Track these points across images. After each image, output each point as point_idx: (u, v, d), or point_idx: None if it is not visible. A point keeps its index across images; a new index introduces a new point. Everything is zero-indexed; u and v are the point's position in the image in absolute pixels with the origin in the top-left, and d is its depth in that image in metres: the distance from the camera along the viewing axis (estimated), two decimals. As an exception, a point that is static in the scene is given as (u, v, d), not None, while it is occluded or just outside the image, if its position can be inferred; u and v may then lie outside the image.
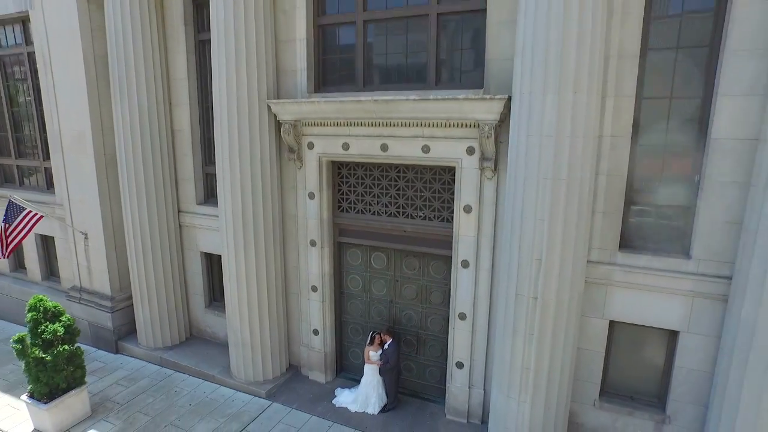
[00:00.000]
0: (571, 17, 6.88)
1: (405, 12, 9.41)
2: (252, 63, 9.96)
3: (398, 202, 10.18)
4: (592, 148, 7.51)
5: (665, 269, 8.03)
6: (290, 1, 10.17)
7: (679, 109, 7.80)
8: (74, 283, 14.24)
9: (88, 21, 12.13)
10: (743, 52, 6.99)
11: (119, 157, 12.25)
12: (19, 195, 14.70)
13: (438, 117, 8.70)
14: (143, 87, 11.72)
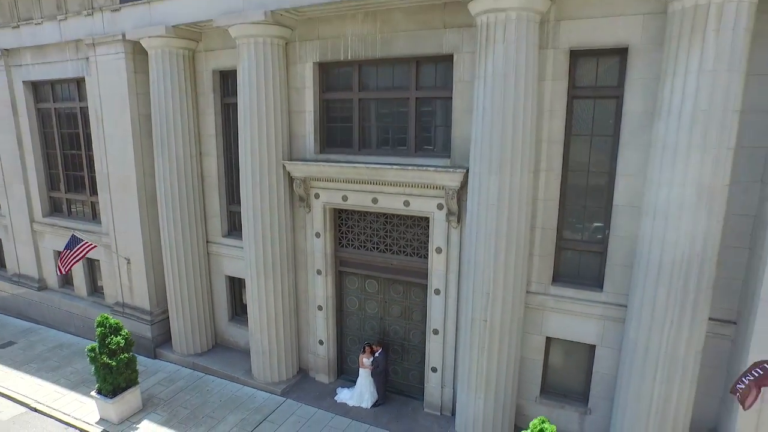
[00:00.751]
0: (509, 117, 9.58)
1: (391, 94, 12.11)
2: (271, 131, 12.66)
3: (386, 242, 12.90)
4: (526, 211, 10.21)
5: (585, 299, 10.72)
6: (301, 81, 12.87)
7: (593, 180, 10.49)
8: (117, 299, 16.97)
9: (135, 87, 14.84)
10: (630, 145, 9.68)
11: (159, 197, 14.97)
12: (67, 223, 17.61)
13: (414, 182, 11.41)
14: (180, 141, 14.44)
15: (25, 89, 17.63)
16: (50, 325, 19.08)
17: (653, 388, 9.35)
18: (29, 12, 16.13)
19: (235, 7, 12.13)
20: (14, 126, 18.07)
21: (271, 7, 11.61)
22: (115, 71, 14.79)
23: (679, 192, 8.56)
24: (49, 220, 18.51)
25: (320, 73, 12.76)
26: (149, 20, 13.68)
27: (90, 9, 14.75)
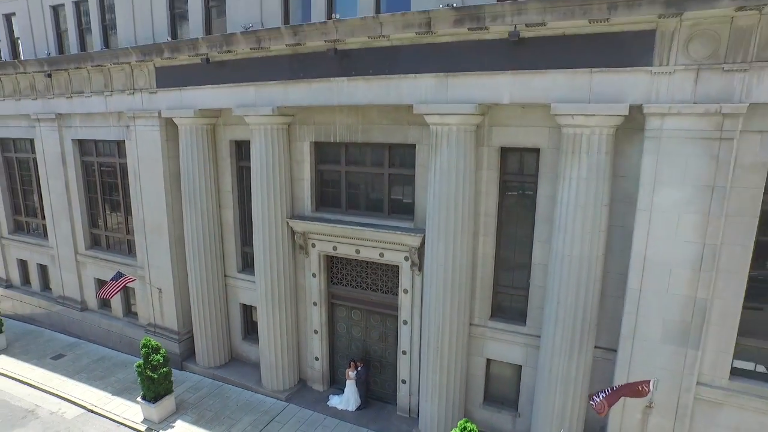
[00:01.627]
0: (452, 200, 13.12)
1: (369, 170, 15.68)
2: (277, 194, 16.25)
3: (367, 282, 16.49)
4: (467, 266, 13.76)
5: (513, 331, 14.26)
6: (300, 155, 16.44)
7: (518, 244, 14.03)
8: (150, 321, 20.59)
9: (167, 151, 18.44)
10: (543, 219, 13.23)
11: (186, 239, 18.58)
12: (106, 256, 21.28)
13: (386, 240, 14.99)
14: (203, 196, 18.04)
15: (73, 145, 21.26)
16: (91, 340, 22.71)
17: (555, 399, 12.90)
18: (81, 87, 19.75)
19: (249, 101, 15.73)
20: (63, 174, 21.69)
21: (277, 103, 15.23)
22: (151, 139, 18.41)
23: (569, 259, 12.10)
24: (91, 252, 22.14)
25: (315, 150, 16.35)
26: (180, 103, 17.29)
27: (132, 90, 18.36)
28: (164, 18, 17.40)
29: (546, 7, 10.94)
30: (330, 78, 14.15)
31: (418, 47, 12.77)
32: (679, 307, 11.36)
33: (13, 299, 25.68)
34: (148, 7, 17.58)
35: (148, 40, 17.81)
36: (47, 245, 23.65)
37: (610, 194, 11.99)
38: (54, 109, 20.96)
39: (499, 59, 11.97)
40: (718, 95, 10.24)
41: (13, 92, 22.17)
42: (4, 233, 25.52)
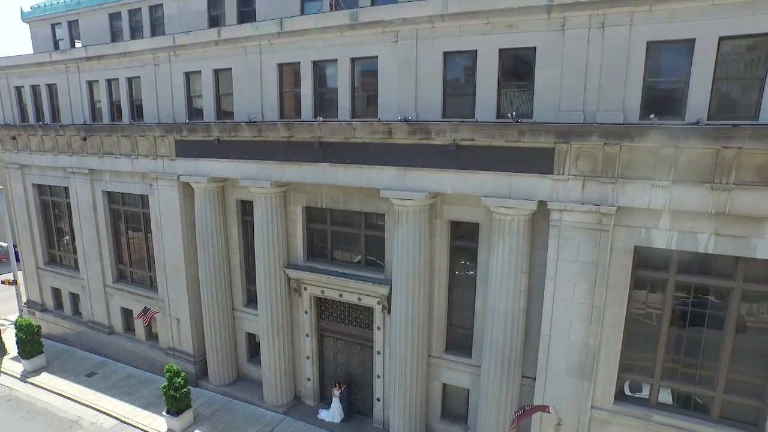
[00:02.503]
0: (411, 260, 16.88)
1: (350, 230, 19.45)
2: (276, 247, 20.04)
3: (349, 318, 20.30)
4: (425, 312, 17.55)
5: (463, 362, 18.03)
6: (294, 216, 20.21)
7: (466, 294, 17.77)
8: (169, 345, 24.42)
9: (184, 207, 22.22)
10: (482, 279, 17.01)
11: (201, 278, 22.39)
12: (131, 288, 25.07)
13: (362, 288, 18.78)
14: (214, 243, 21.83)
15: (103, 195, 25.05)
16: (117, 359, 26.57)
17: (492, 416, 16.69)
18: (111, 149, 23.53)
19: (252, 175, 19.50)
20: (94, 219, 25.49)
21: (274, 178, 19.00)
22: (171, 196, 22.21)
23: (498, 311, 15.85)
24: (117, 285, 25.98)
25: (306, 213, 20.13)
26: (195, 170, 21.07)
27: (155, 156, 22.14)
28: (182, 100, 21.14)
29: (475, 129, 14.71)
30: (316, 163, 17.92)
31: (383, 145, 16.51)
32: (577, 350, 15.14)
33: (47, 321, 29.54)
34: (169, 91, 21.33)
35: (169, 116, 21.57)
36: (79, 277, 27.48)
37: (529, 264, 15.74)
38: (87, 165, 24.74)
39: (443, 160, 15.70)
40: (597, 199, 14.00)
41: (52, 148, 25.93)
42: (40, 264, 29.36)
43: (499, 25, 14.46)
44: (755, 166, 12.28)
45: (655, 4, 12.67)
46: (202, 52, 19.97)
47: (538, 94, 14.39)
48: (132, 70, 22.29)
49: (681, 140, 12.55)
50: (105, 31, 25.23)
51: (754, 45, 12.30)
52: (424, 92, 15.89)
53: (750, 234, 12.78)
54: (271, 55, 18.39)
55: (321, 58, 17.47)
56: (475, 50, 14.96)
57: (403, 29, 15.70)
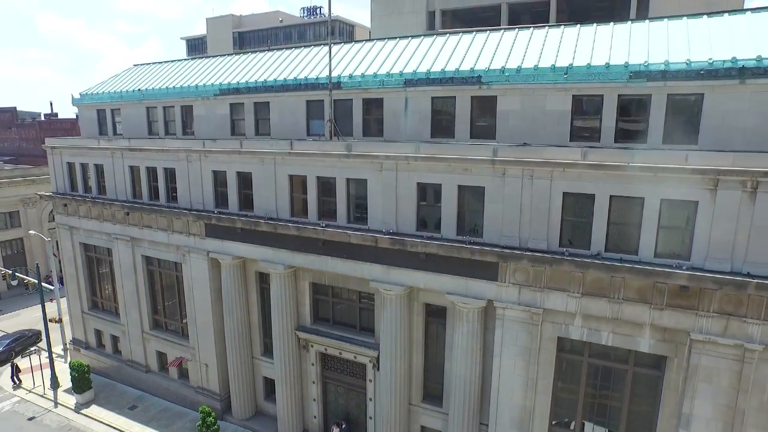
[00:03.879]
0: (394, 332, 21.81)
1: (347, 303, 24.35)
2: (288, 314, 24.98)
3: (347, 371, 25.27)
4: (406, 370, 22.48)
5: (436, 410, 22.98)
6: (303, 289, 25.12)
7: (437, 356, 22.69)
8: (199, 384, 29.47)
9: (211, 275, 27.16)
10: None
11: (226, 332, 27.38)
12: (165, 335, 30.06)
13: (357, 350, 23.71)
14: (238, 307, 26.80)
15: (142, 259, 30.03)
16: (153, 394, 31.65)
17: (455, 456, 21.68)
18: (150, 223, 28.45)
19: (268, 258, 24.40)
20: (134, 277, 30.47)
21: (286, 263, 23.91)
22: (201, 267, 27.16)
23: (459, 375, 20.73)
24: (154, 332, 31.02)
25: (312, 287, 25.05)
26: (222, 249, 25.99)
27: (187, 233, 27.07)
28: (211, 191, 25.99)
29: (439, 247, 19.54)
30: (320, 255, 22.81)
31: (372, 248, 21.33)
32: (517, 409, 20.05)
33: (90, 357, 34.61)
34: (200, 183, 26.18)
35: (199, 203, 26.44)
36: (119, 322, 32.52)
37: (483, 342, 20.61)
38: (129, 234, 29.69)
39: (417, 263, 20.54)
40: (530, 301, 18.85)
41: (98, 216, 30.87)
42: (85, 309, 34.42)
43: (458, 168, 19.22)
44: (635, 287, 17.09)
45: (568, 168, 17.43)
46: (227, 157, 24.80)
47: (486, 220, 19.18)
48: (168, 162, 27.12)
49: (584, 268, 17.37)
50: (143, 121, 30.10)
51: (634, 202, 17.02)
52: (403, 210, 20.70)
53: (635, 334, 17.63)
54: (283, 167, 23.20)
55: (323, 175, 22.28)
56: (440, 184, 19.74)
57: (386, 162, 20.48)
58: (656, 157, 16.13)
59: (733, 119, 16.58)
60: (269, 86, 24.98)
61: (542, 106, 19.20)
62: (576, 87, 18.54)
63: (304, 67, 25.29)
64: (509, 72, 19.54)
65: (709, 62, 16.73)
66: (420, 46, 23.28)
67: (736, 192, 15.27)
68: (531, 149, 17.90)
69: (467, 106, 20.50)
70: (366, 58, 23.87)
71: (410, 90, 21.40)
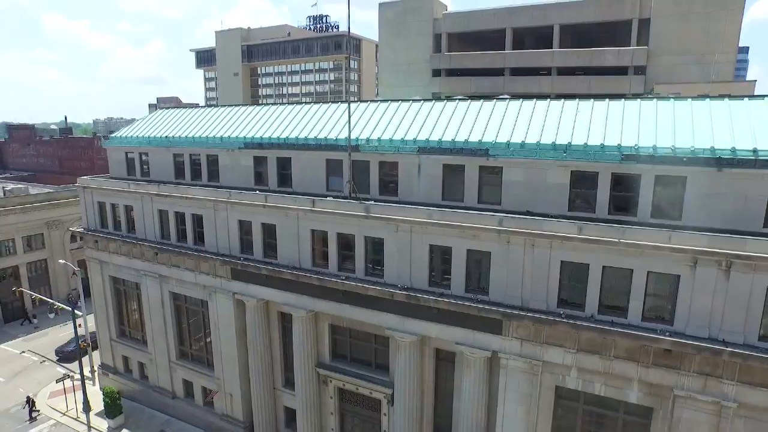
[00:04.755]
0: (408, 375, 24.05)
1: (364, 344, 26.54)
2: (309, 352, 27.18)
3: (364, 404, 27.50)
4: (417, 407, 24.71)
5: (445, 442, 25.22)
6: (323, 330, 27.30)
7: (446, 397, 24.93)
8: (224, 412, 31.74)
9: (236, 313, 29.36)
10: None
11: (250, 365, 29.60)
12: (191, 365, 32.31)
13: (372, 386, 25.94)
14: (261, 343, 28.99)
15: (169, 295, 32.23)
16: (179, 419, 33.93)
17: (463, 487, 23.91)
18: (178, 263, 30.64)
19: (291, 302, 26.60)
20: (161, 310, 32.70)
21: (308, 308, 26.11)
22: (226, 306, 29.37)
23: (466, 417, 22.95)
24: (180, 362, 33.27)
25: (331, 328, 27.24)
26: (247, 291, 28.18)
27: (214, 275, 29.26)
28: (237, 238, 28.14)
29: (449, 303, 21.71)
30: (340, 303, 24.99)
31: (388, 300, 23.51)
32: (520, 448, 22.28)
33: (118, 382, 36.88)
34: (226, 230, 28.33)
35: (225, 248, 28.59)
36: (146, 351, 34.78)
37: (488, 387, 22.81)
38: (157, 271, 31.88)
39: (429, 315, 22.70)
40: (530, 354, 21.02)
41: (128, 253, 33.07)
42: (113, 336, 36.68)
43: (467, 234, 21.34)
44: (625, 347, 19.25)
45: (565, 240, 19.56)
46: (252, 209, 26.94)
47: (492, 281, 21.31)
48: (195, 209, 29.26)
49: (579, 329, 19.54)
50: (170, 166, 32.25)
51: (623, 272, 19.12)
52: (416, 267, 22.85)
53: (625, 387, 19.82)
54: (305, 222, 25.34)
55: (343, 232, 24.42)
56: (450, 247, 21.89)
57: (402, 225, 22.61)
58: (643, 234, 18.28)
59: (712, 200, 18.67)
60: (291, 144, 27.08)
61: (543, 178, 21.30)
62: (574, 164, 20.62)
63: (324, 125, 27.38)
64: (514, 147, 21.65)
65: (692, 150, 18.83)
66: (431, 112, 25.33)
67: (712, 269, 17.42)
68: (533, 222, 20.02)
69: (475, 174, 22.59)
70: (381, 121, 25.95)
71: (423, 157, 23.51)
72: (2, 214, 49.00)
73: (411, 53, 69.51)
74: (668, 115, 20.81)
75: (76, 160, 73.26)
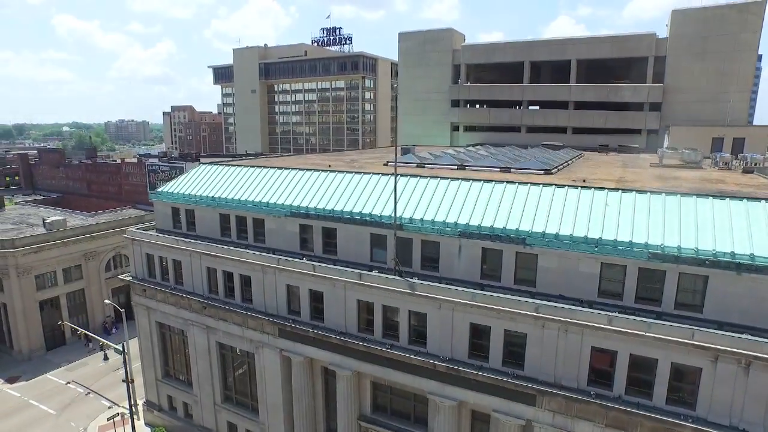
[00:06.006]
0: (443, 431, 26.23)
1: (404, 401, 28.76)
2: (351, 407, 29.42)
3: None
4: (454, 467, 26.93)
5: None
6: (364, 385, 29.52)
7: None
8: (267, 453, 34.12)
9: (282, 366, 31.64)
10: None
11: (294, 414, 31.90)
12: (236, 409, 34.64)
13: None
14: (305, 394, 31.27)
15: (216, 345, 34.55)
16: (224, 456, 36.34)
17: None
18: (225, 317, 32.91)
19: (336, 362, 28.78)
20: (208, 357, 35.01)
21: (353, 369, 28.30)
22: (272, 360, 31.63)
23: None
24: (225, 405, 35.62)
25: (373, 385, 29.42)
26: (293, 349, 30.41)
27: (261, 331, 31.51)
28: (284, 300, 30.35)
29: (486, 378, 23.85)
30: (384, 367, 27.18)
31: (430, 369, 25.67)
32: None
33: (162, 419, 39.36)
34: (274, 292, 30.55)
35: (273, 308, 30.83)
36: (191, 393, 37.18)
37: (521, 451, 24.98)
38: (204, 322, 34.19)
39: (468, 385, 24.83)
40: (562, 425, 23.10)
41: (175, 303, 35.42)
42: (159, 377, 39.13)
43: (505, 316, 23.44)
44: (649, 427, 21.31)
45: (596, 330, 21.60)
46: (300, 275, 29.15)
47: (527, 359, 23.42)
48: (244, 270, 31.50)
49: (607, 408, 21.63)
50: (216, 224, 34.49)
51: (649, 360, 21.13)
52: (457, 341, 24.98)
53: (650, 461, 21.89)
54: (352, 292, 27.52)
55: (388, 304, 26.59)
56: (489, 326, 24.01)
57: (444, 303, 24.75)
58: (668, 330, 20.34)
59: (732, 300, 20.67)
60: (337, 216, 29.23)
61: (575, 267, 23.35)
62: (604, 257, 22.66)
63: (368, 198, 29.46)
64: (548, 237, 23.69)
65: (713, 253, 20.83)
66: (470, 192, 27.36)
67: (732, 366, 19.47)
68: (566, 311, 22.10)
69: (512, 258, 24.66)
70: (423, 199, 27.99)
71: (464, 240, 25.60)
72: (46, 249, 51.55)
73: (430, 83, 71.52)
74: (691, 211, 22.80)
75: (104, 185, 75.72)
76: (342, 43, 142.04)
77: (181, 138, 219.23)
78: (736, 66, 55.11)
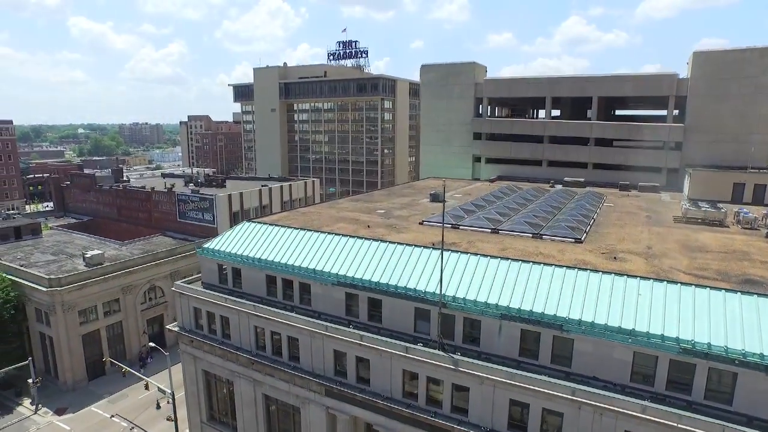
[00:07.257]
0: None
1: None
2: None
3: None
4: None
5: None
6: None
7: None
8: (310, 499, 36.34)
9: (328, 422, 33.79)
10: None
11: (336, 467, 34.07)
12: None
13: None
14: (347, 447, 33.43)
15: (262, 396, 36.74)
16: (267, 498, 38.62)
17: None
18: (272, 373, 35.11)
19: (381, 424, 30.86)
20: (254, 408, 37.25)
21: (397, 430, 30.36)
22: (319, 415, 33.78)
23: None
24: (269, 451, 37.86)
25: None
26: (339, 408, 32.52)
27: (308, 389, 33.65)
28: (331, 363, 32.45)
29: (528, 452, 25.82)
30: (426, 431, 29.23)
31: None
32: None
33: (208, 458, 41.76)
34: (321, 355, 32.65)
35: (320, 369, 32.93)
36: (237, 437, 39.48)
37: None
38: (251, 376, 36.38)
39: None
40: (598, 501, 25.06)
41: (222, 356, 37.64)
42: (204, 419, 41.49)
43: (542, 396, 25.37)
44: (681, 508, 23.18)
45: (630, 417, 23.45)
46: (347, 342, 31.22)
47: (565, 436, 25.35)
48: (291, 332, 33.63)
49: (642, 491, 23.51)
50: (262, 284, 36.65)
51: None
52: (497, 413, 26.91)
53: None
54: (398, 362, 29.55)
55: (432, 376, 28.59)
56: (528, 403, 25.92)
57: (486, 380, 26.71)
58: (698, 423, 22.15)
59: (760, 396, 22.42)
60: (383, 289, 31.22)
61: (610, 353, 25.18)
62: (636, 348, 24.48)
63: (412, 271, 31.36)
64: (585, 325, 25.54)
65: (742, 353, 22.57)
66: (509, 273, 29.27)
67: (759, 461, 21.27)
68: (602, 396, 23.97)
69: (549, 341, 26.54)
70: (465, 276, 29.91)
71: (504, 321, 27.51)
72: (89, 285, 54.19)
73: (452, 115, 73.24)
74: (720, 306, 24.53)
75: (135, 210, 78.23)
76: (358, 56, 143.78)
77: (198, 148, 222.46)
78: (758, 109, 56.31)
